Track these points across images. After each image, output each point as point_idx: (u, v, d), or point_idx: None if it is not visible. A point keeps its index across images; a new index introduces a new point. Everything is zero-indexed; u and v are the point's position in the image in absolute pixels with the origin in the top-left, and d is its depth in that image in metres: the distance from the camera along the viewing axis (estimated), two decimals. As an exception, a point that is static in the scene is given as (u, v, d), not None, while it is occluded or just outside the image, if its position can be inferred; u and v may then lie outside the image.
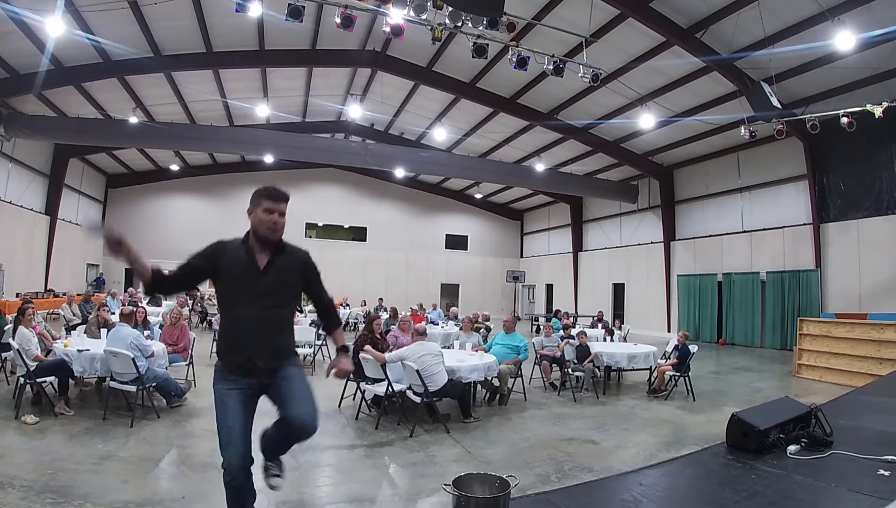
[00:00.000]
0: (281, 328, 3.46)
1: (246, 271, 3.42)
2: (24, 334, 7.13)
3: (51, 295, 20.90)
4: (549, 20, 13.84)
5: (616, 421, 7.97)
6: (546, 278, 33.20)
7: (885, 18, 11.26)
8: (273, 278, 3.43)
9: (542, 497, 3.98)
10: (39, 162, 21.95)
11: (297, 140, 21.25)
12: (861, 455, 4.08)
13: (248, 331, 3.33)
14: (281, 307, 3.46)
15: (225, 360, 3.49)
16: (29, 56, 15.08)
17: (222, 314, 3.47)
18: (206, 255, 3.57)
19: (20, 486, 4.50)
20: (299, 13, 10.75)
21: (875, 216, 15.49)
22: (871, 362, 10.66)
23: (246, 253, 3.55)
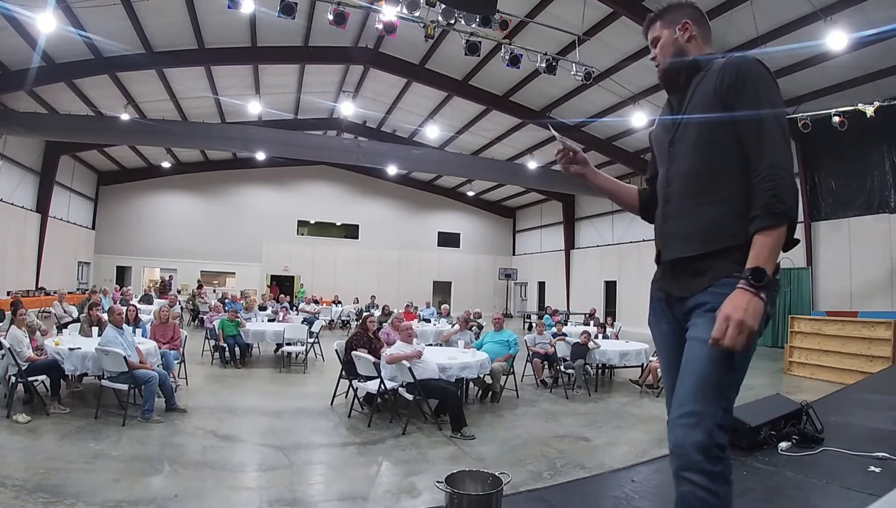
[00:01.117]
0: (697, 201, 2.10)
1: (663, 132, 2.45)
2: (16, 334, 7.09)
3: (42, 293, 20.79)
4: (542, 18, 13.83)
5: (608, 418, 8.00)
6: (538, 275, 33.24)
7: (877, 19, 11.30)
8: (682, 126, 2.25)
9: (535, 493, 4.00)
10: (30, 159, 21.81)
11: (289, 137, 21.16)
12: (852, 451, 4.12)
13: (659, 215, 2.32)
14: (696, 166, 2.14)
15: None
16: (20, 53, 14.96)
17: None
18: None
19: (12, 485, 4.48)
20: (291, 10, 10.72)
21: (866, 215, 15.59)
22: (861, 359, 10.72)
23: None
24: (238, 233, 30.48)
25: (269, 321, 14.50)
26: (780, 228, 1.85)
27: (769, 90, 2.00)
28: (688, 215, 2.11)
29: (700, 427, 1.85)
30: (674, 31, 2.31)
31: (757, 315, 1.77)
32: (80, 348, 7.24)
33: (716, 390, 1.88)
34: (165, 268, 29.73)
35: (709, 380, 1.88)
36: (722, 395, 1.89)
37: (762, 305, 1.78)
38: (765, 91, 1.99)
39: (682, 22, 2.30)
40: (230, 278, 30.99)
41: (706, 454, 1.82)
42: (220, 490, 4.78)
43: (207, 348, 12.03)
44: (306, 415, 7.63)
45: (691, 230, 2.08)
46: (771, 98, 1.99)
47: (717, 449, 1.83)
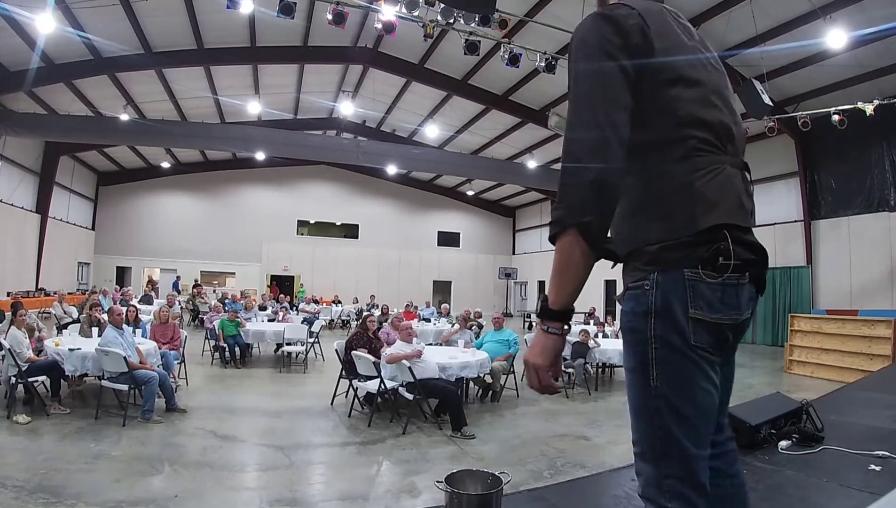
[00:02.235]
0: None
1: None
2: (16, 335, 7.09)
3: (42, 294, 20.78)
4: (542, 17, 13.83)
5: (608, 417, 8.00)
6: (538, 274, 33.16)
7: (876, 17, 11.30)
8: None
9: (535, 493, 4.00)
10: (30, 160, 21.80)
11: (289, 137, 21.19)
12: (852, 450, 4.11)
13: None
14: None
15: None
16: (19, 53, 14.95)
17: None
18: None
19: (12, 486, 4.48)
20: (291, 9, 10.72)
21: (866, 213, 15.59)
22: (861, 358, 10.72)
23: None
24: (238, 233, 30.46)
25: (268, 320, 14.50)
26: (561, 239, 1.53)
27: (585, 53, 1.59)
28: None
29: (642, 460, 1.63)
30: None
31: (543, 351, 1.58)
32: (80, 348, 7.23)
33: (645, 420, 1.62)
34: (165, 268, 29.69)
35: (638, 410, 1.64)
36: (654, 426, 1.58)
37: (551, 338, 1.58)
38: (579, 56, 1.61)
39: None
40: (230, 278, 30.96)
41: (656, 488, 1.58)
42: (220, 490, 4.78)
43: (207, 348, 12.02)
44: (306, 415, 7.63)
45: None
46: (587, 63, 1.58)
47: (672, 481, 1.55)
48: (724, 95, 1.70)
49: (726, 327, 1.58)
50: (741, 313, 1.60)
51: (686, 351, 1.53)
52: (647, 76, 1.56)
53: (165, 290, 23.14)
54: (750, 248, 1.60)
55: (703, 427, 1.58)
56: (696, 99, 1.61)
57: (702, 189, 1.56)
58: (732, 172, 1.62)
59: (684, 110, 1.58)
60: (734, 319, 1.58)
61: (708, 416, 1.59)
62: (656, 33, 1.59)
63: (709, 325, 1.53)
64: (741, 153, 1.70)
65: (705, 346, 1.54)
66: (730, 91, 1.75)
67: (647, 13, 1.60)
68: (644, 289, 1.61)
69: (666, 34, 1.62)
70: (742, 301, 1.59)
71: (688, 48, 1.66)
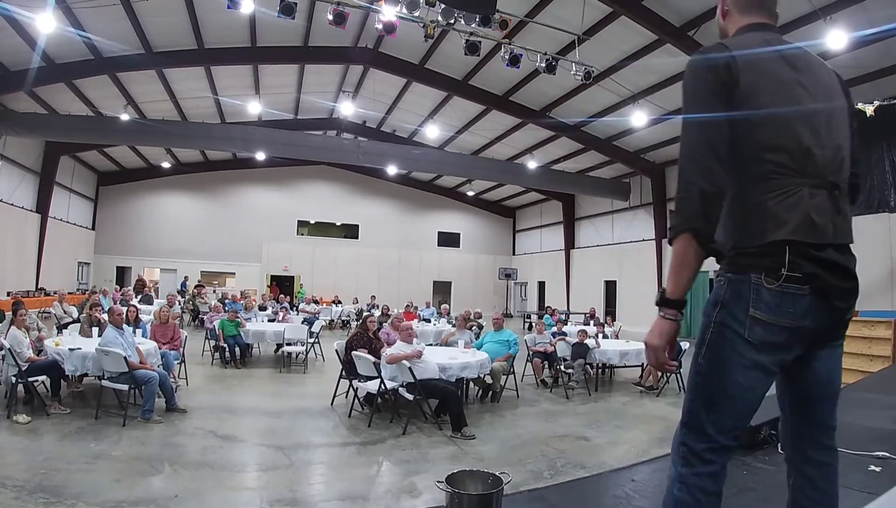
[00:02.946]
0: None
1: None
2: (16, 335, 7.09)
3: (42, 294, 20.79)
4: (542, 18, 13.83)
5: (608, 418, 8.00)
6: (538, 275, 33.22)
7: (877, 18, 11.29)
8: None
9: (535, 493, 4.00)
10: (30, 160, 21.81)
11: (289, 137, 21.19)
12: (851, 451, 4.11)
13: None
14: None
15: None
16: (20, 53, 14.96)
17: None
18: None
19: (12, 486, 4.48)
20: (291, 10, 10.74)
21: (866, 215, 15.54)
22: (861, 359, 10.70)
23: None
24: (238, 233, 30.48)
25: (268, 321, 14.50)
26: (677, 241, 1.81)
27: (686, 90, 1.95)
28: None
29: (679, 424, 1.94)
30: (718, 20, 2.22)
31: (660, 334, 1.83)
32: (80, 348, 7.23)
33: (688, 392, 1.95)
34: (165, 268, 29.71)
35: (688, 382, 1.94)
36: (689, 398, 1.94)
37: (668, 323, 1.83)
38: (685, 93, 1.95)
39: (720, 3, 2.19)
40: (230, 279, 30.97)
41: (675, 450, 1.91)
42: (220, 490, 4.79)
43: (207, 348, 12.03)
44: (306, 415, 7.63)
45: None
46: (688, 99, 1.93)
47: (684, 449, 1.87)
48: (816, 122, 1.87)
49: (783, 329, 1.79)
50: (799, 320, 1.79)
51: (736, 343, 1.81)
52: (734, 107, 1.82)
53: (165, 290, 23.16)
54: (818, 263, 1.78)
55: (728, 415, 1.85)
56: (778, 126, 1.83)
57: (773, 208, 1.80)
58: (808, 193, 1.81)
59: (764, 137, 1.82)
60: (790, 323, 1.78)
61: (736, 407, 1.86)
62: (743, 67, 1.84)
63: (765, 324, 1.78)
64: (832, 174, 1.86)
65: (758, 343, 1.79)
66: (832, 116, 1.93)
67: (738, 49, 1.88)
68: (720, 285, 1.89)
69: (754, 67, 1.86)
70: (799, 309, 1.78)
71: (780, 79, 1.88)
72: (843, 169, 1.91)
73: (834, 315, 1.85)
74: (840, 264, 1.82)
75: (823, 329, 1.85)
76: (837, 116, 1.94)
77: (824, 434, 1.98)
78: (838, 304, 1.83)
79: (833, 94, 1.98)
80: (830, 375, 1.96)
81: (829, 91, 1.96)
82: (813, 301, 1.78)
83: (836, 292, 1.81)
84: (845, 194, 1.92)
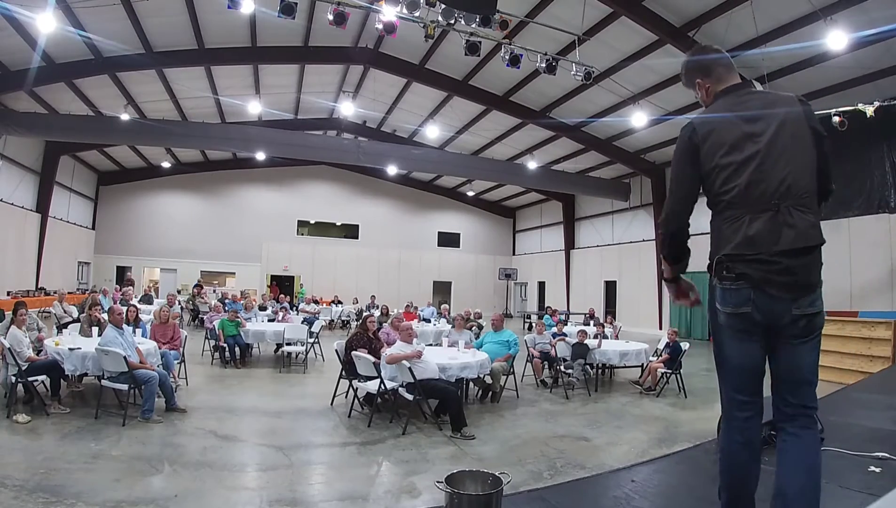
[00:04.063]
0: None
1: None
2: (16, 335, 7.09)
3: (42, 293, 20.79)
4: (542, 18, 13.84)
5: (608, 418, 8.00)
6: (538, 275, 33.23)
7: (877, 18, 11.29)
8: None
9: (535, 493, 3.99)
10: (30, 160, 21.82)
11: (289, 137, 21.21)
12: (852, 451, 4.11)
13: None
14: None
15: None
16: (20, 53, 14.97)
17: None
18: None
19: (12, 486, 4.48)
20: (291, 9, 10.71)
21: (866, 215, 15.55)
22: (861, 359, 10.71)
23: None
24: (238, 233, 30.48)
25: (268, 321, 14.51)
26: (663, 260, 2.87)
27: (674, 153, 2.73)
28: None
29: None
30: (697, 92, 2.86)
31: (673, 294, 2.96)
32: (80, 348, 7.24)
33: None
34: (166, 268, 29.74)
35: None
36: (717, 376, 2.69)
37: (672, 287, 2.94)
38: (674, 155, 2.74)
39: (695, 83, 2.84)
40: (230, 278, 30.98)
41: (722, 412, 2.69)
42: (220, 490, 4.79)
43: (207, 348, 12.03)
44: (306, 415, 7.63)
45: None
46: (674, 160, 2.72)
47: (723, 410, 2.65)
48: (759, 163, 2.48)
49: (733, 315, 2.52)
50: (741, 307, 2.49)
51: (719, 326, 2.62)
52: (700, 165, 2.60)
53: (165, 290, 23.16)
54: (749, 265, 2.46)
55: (736, 377, 2.58)
56: (727, 174, 2.52)
57: (725, 232, 2.55)
58: (749, 219, 2.48)
59: (718, 183, 2.55)
60: (734, 310, 2.51)
61: (738, 370, 2.56)
62: (703, 137, 2.58)
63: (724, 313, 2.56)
64: (776, 199, 2.46)
65: (726, 325, 2.56)
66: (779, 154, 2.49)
67: (700, 124, 2.61)
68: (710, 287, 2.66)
69: (711, 135, 2.57)
70: (740, 298, 2.49)
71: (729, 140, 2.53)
72: (790, 192, 2.47)
73: (777, 304, 2.43)
74: (781, 263, 2.42)
75: (773, 317, 2.46)
76: (787, 151, 2.49)
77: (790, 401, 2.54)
78: (775, 293, 2.43)
79: (783, 132, 2.51)
80: (791, 366, 2.54)
81: (779, 132, 2.50)
82: (750, 293, 2.45)
83: (769, 283, 2.43)
84: (800, 208, 2.49)
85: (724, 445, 2.58)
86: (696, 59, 2.84)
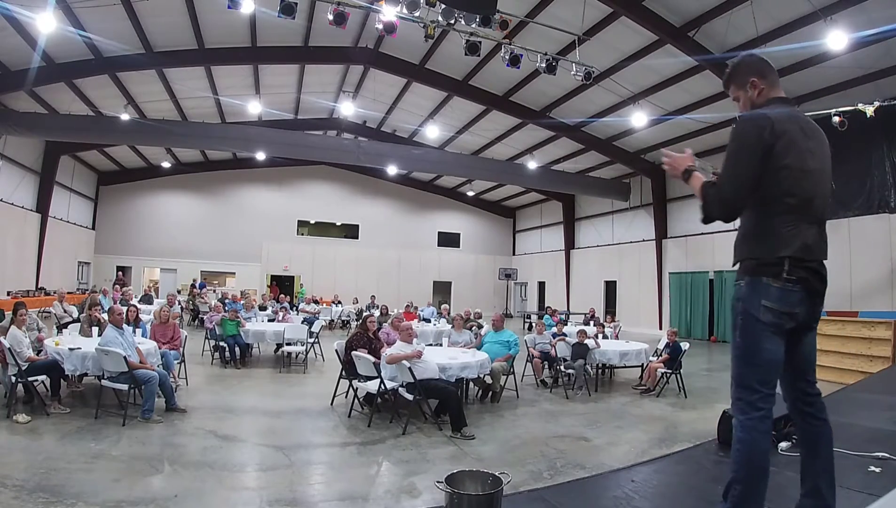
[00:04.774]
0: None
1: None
2: (16, 335, 7.09)
3: (42, 293, 20.79)
4: (542, 18, 13.84)
5: (608, 418, 8.00)
6: (538, 275, 33.22)
7: (877, 18, 11.29)
8: None
9: (535, 493, 3.99)
10: (30, 159, 21.82)
11: (289, 137, 21.20)
12: (852, 451, 4.11)
13: None
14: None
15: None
16: (20, 53, 14.97)
17: None
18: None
19: (12, 486, 4.48)
20: (292, 10, 10.71)
21: (866, 215, 15.54)
22: (861, 359, 10.72)
23: None
24: (238, 233, 30.48)
25: (268, 321, 14.50)
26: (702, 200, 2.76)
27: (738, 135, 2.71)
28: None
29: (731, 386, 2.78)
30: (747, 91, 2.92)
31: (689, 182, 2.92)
32: (80, 348, 7.24)
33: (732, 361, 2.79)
34: (166, 268, 29.74)
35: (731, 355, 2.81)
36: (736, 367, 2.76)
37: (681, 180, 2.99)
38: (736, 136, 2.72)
39: (749, 81, 2.89)
40: (230, 278, 30.98)
41: (733, 405, 2.75)
42: (220, 490, 4.79)
43: (207, 348, 12.04)
44: (306, 415, 7.63)
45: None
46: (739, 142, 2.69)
47: (740, 403, 2.69)
48: (815, 179, 2.68)
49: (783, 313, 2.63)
50: (793, 307, 2.65)
51: (757, 323, 2.64)
52: (769, 159, 2.59)
53: (165, 290, 23.16)
54: (806, 271, 2.65)
55: (765, 371, 2.67)
56: (794, 180, 2.61)
57: (784, 234, 2.62)
58: (805, 226, 2.65)
59: (785, 185, 2.61)
60: (788, 309, 2.63)
61: (767, 366, 2.67)
62: (779, 134, 2.60)
63: (772, 310, 2.62)
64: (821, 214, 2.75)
65: (767, 322, 2.62)
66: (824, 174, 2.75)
67: (777, 121, 2.62)
68: (740, 286, 2.75)
69: (785, 135, 2.61)
70: (794, 300, 2.64)
71: (799, 146, 2.63)
72: (826, 210, 2.78)
73: (812, 307, 2.74)
74: (821, 273, 2.74)
75: (806, 317, 2.73)
76: (827, 172, 2.76)
77: (810, 383, 2.86)
78: (817, 298, 2.76)
79: (826, 155, 2.78)
80: (810, 348, 2.85)
81: (824, 154, 2.76)
82: (803, 295, 2.66)
83: (815, 291, 2.72)
84: (825, 226, 2.80)
85: (745, 436, 2.64)
86: (756, 60, 2.95)
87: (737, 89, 2.95)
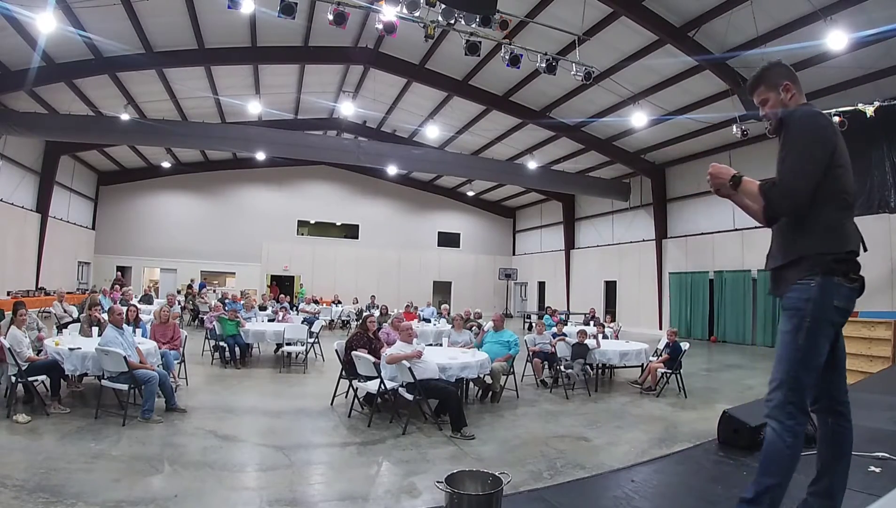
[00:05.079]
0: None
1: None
2: (16, 335, 7.09)
3: (42, 293, 20.79)
4: (542, 18, 13.84)
5: (608, 418, 8.00)
6: (538, 275, 33.22)
7: (877, 19, 11.30)
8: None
9: (535, 493, 3.99)
10: (30, 159, 21.81)
11: (290, 137, 21.21)
12: (851, 451, 4.10)
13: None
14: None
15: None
16: (20, 53, 14.97)
17: None
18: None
19: (12, 486, 4.48)
20: (292, 10, 10.71)
21: (866, 215, 15.52)
22: (861, 359, 10.70)
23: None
24: (238, 233, 30.47)
25: (268, 320, 14.50)
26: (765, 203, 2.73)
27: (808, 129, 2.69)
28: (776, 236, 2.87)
29: (777, 390, 2.64)
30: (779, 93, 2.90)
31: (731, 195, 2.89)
32: (80, 348, 7.24)
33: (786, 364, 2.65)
34: (165, 268, 29.73)
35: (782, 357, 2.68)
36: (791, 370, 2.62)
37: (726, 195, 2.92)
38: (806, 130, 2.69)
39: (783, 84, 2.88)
40: (230, 278, 30.98)
41: (780, 409, 2.60)
42: (220, 490, 4.79)
43: (207, 348, 12.03)
44: (306, 415, 7.63)
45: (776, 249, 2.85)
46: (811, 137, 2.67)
47: (791, 406, 2.58)
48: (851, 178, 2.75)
49: (846, 313, 2.67)
50: (852, 307, 2.69)
51: (825, 325, 2.61)
52: (833, 156, 2.64)
53: (165, 290, 23.16)
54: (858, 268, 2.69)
55: (817, 372, 2.64)
56: (848, 178, 2.70)
57: (847, 229, 2.68)
58: (854, 226, 2.72)
59: (846, 183, 2.68)
60: (850, 309, 2.68)
61: (820, 365, 2.64)
62: (838, 135, 2.68)
63: (841, 311, 2.63)
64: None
65: (835, 323, 2.66)
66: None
67: (834, 123, 2.72)
68: (808, 285, 2.62)
69: (839, 136, 2.69)
70: (853, 300, 2.69)
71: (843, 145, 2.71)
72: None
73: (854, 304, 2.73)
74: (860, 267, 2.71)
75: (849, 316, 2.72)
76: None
77: (845, 384, 2.85)
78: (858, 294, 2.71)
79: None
80: (843, 346, 2.84)
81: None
82: (856, 293, 2.68)
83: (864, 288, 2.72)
84: None
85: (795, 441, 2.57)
86: (787, 67, 2.94)
87: (767, 90, 2.92)
